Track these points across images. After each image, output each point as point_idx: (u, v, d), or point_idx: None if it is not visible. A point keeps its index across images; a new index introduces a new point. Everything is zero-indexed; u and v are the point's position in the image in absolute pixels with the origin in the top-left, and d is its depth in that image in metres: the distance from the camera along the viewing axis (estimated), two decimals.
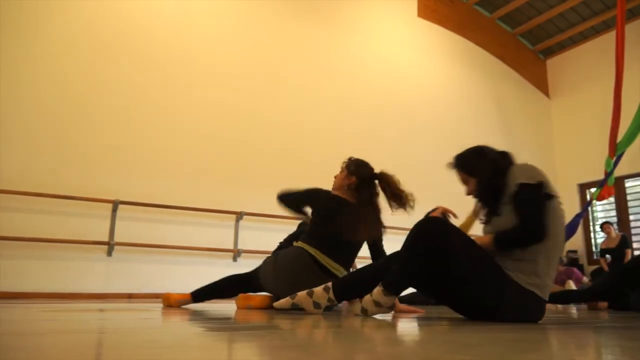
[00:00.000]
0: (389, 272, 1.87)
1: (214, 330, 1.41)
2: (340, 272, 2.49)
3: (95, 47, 4.69)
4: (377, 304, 1.86)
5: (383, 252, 2.70)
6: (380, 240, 2.72)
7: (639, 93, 6.12)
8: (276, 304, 2.19)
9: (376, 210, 2.62)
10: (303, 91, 5.92)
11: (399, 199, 2.57)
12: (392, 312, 2.19)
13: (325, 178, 6.27)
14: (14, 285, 3.86)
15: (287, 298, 2.15)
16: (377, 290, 1.85)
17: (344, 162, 2.71)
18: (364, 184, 2.61)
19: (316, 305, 2.08)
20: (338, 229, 2.47)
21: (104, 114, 4.61)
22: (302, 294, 2.12)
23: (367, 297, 1.89)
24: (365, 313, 1.90)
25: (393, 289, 1.82)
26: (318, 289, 2.09)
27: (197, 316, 1.95)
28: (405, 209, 2.57)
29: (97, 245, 4.32)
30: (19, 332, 1.23)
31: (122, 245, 4.40)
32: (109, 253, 4.37)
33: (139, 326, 1.58)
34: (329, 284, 2.11)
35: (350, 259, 2.63)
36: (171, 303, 2.58)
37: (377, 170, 2.69)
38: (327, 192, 2.65)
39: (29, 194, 4.06)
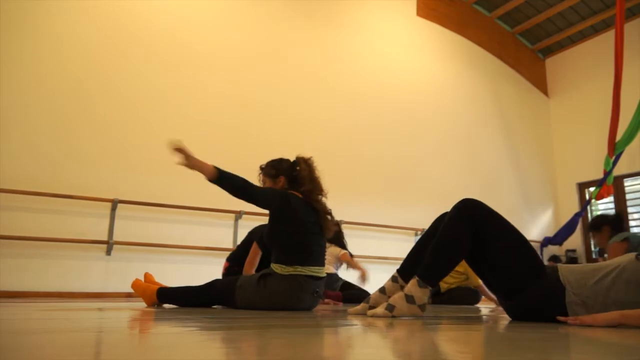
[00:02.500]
0: (421, 264, 1.80)
1: (212, 329, 1.41)
2: (323, 271, 2.50)
3: (96, 47, 4.68)
4: (409, 299, 1.73)
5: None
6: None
7: (638, 92, 6.12)
8: (371, 312, 1.89)
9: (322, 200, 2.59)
10: (302, 90, 5.93)
11: (315, 183, 2.55)
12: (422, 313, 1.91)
13: (322, 176, 6.27)
14: (13, 284, 3.86)
15: (384, 310, 1.84)
16: (411, 283, 1.76)
17: (259, 174, 2.68)
18: (292, 176, 2.60)
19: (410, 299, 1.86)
20: (319, 231, 2.47)
21: (103, 113, 4.60)
22: (398, 297, 1.84)
23: (397, 295, 1.79)
24: (391, 310, 1.77)
25: (431, 278, 1.74)
26: (396, 293, 1.88)
27: (195, 314, 1.95)
28: (320, 195, 2.54)
29: (96, 244, 4.31)
30: (18, 331, 1.23)
31: (121, 244, 4.40)
32: (108, 252, 4.37)
33: (138, 325, 1.58)
34: (395, 274, 1.99)
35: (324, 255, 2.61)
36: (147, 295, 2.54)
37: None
38: (288, 194, 2.46)
39: (28, 192, 4.05)
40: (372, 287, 4.33)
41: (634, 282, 1.58)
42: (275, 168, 2.64)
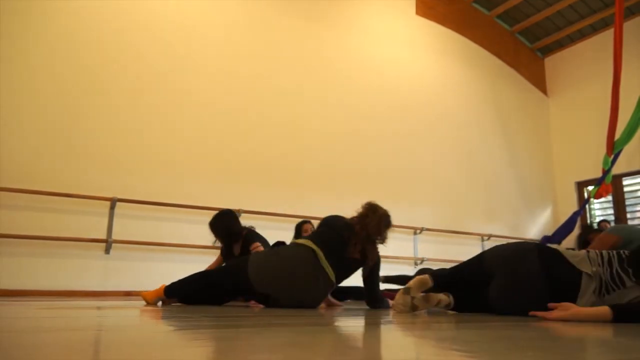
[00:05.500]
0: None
1: (212, 327, 1.41)
2: (333, 277, 2.55)
3: (94, 46, 4.67)
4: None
5: (376, 282, 2.80)
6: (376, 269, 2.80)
7: (636, 91, 6.12)
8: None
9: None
10: (300, 89, 5.92)
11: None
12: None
13: (322, 174, 6.26)
14: (12, 283, 3.86)
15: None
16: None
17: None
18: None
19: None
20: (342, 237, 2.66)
21: (102, 112, 4.59)
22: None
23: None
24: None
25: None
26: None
27: (194, 313, 1.95)
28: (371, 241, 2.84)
29: (95, 243, 4.31)
30: (18, 330, 1.23)
31: (120, 243, 4.39)
32: (107, 251, 4.36)
33: (137, 324, 1.58)
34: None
35: (345, 273, 2.67)
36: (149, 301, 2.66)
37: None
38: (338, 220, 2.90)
39: (27, 191, 4.05)
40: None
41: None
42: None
